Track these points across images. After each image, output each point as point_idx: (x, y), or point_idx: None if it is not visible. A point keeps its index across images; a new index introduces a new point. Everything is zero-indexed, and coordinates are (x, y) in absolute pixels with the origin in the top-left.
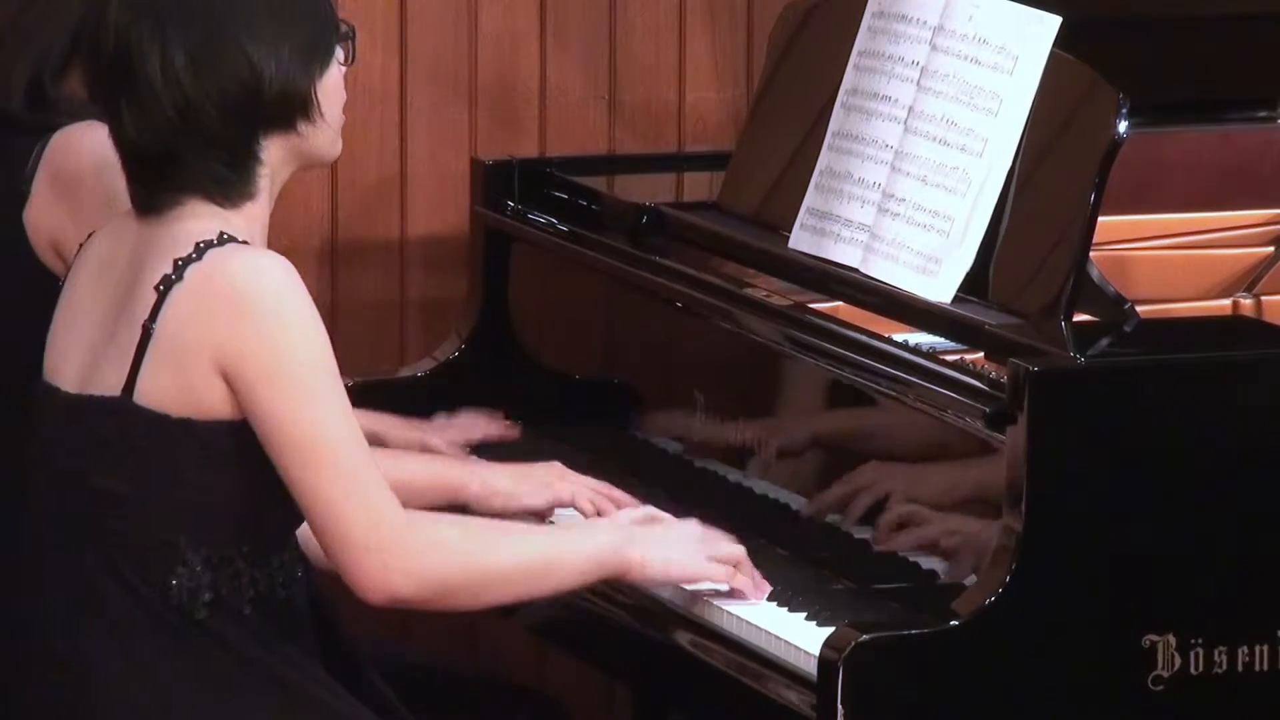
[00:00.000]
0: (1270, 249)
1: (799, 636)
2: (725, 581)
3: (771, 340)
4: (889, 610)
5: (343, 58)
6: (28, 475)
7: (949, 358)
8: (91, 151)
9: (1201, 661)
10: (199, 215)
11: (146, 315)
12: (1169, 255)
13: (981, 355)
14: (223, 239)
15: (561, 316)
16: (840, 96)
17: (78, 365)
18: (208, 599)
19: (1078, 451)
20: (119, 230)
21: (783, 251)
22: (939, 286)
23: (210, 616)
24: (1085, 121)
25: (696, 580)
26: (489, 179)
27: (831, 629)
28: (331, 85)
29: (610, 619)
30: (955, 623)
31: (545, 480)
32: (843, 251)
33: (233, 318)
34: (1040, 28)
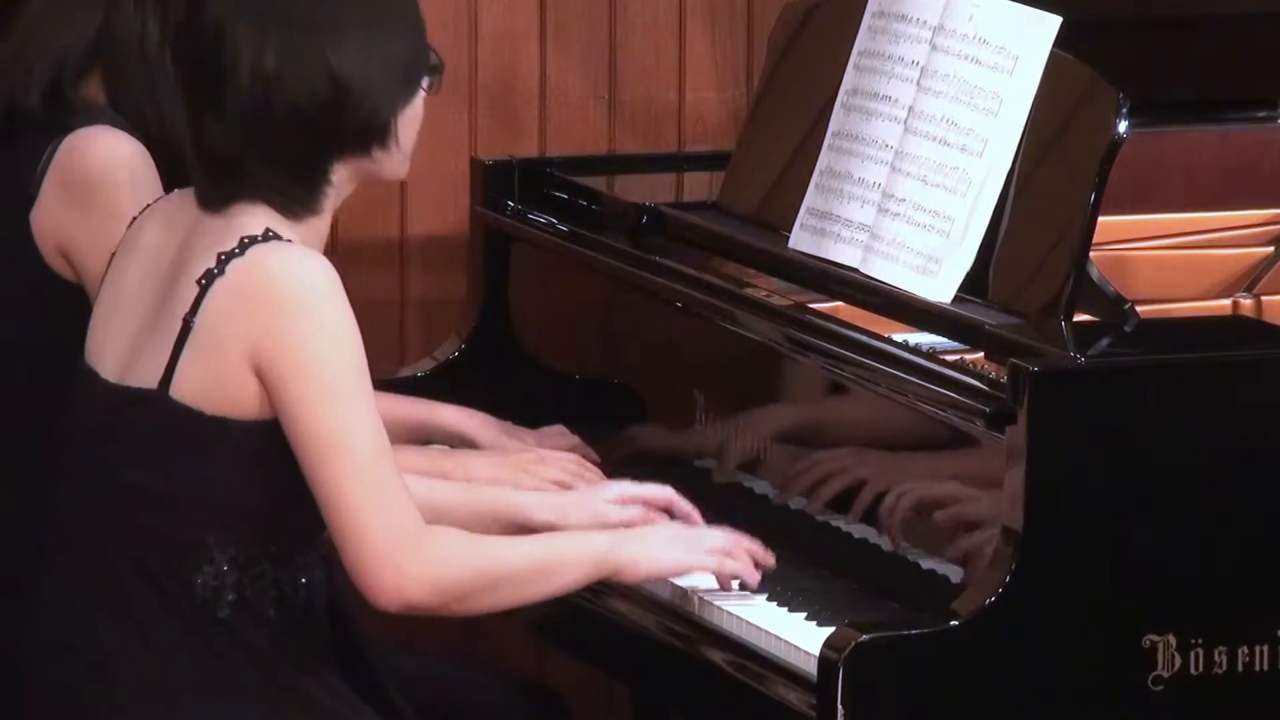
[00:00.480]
0: (1270, 249)
1: (799, 636)
2: (714, 570)
3: (771, 340)
4: (889, 610)
5: (427, 86)
6: (59, 460)
7: (949, 358)
8: (103, 157)
9: (1201, 661)
10: (255, 215)
11: (187, 309)
12: (1169, 255)
13: (981, 355)
14: (268, 235)
15: (561, 316)
16: (840, 96)
17: (119, 354)
18: (231, 599)
19: (1078, 451)
20: (173, 215)
21: (783, 251)
22: (939, 286)
23: (232, 616)
24: (1085, 121)
25: (688, 572)
26: (489, 179)
27: (831, 629)
28: (413, 114)
29: (610, 618)
30: (955, 623)
31: (526, 466)
32: (843, 251)
33: (268, 313)
34: (1040, 28)
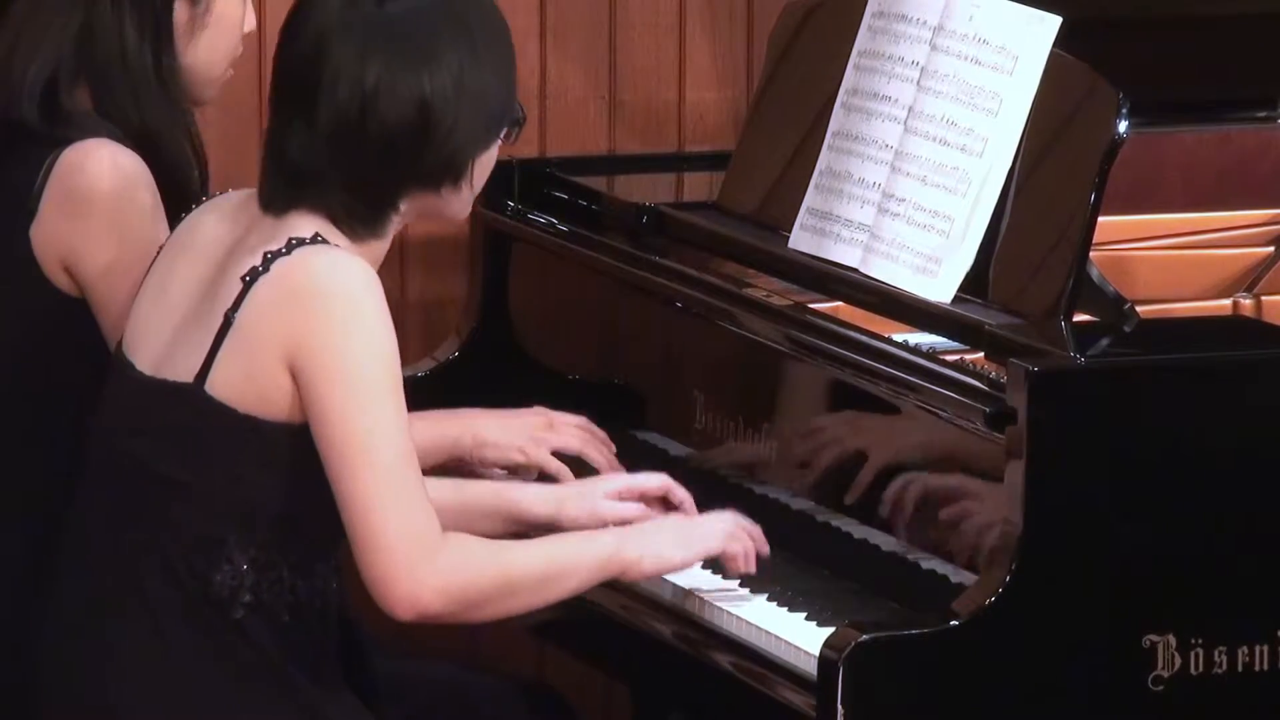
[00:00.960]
0: (1270, 249)
1: (799, 636)
2: (717, 554)
3: (771, 340)
4: (889, 610)
5: (504, 136)
6: (85, 448)
7: (949, 358)
8: (102, 170)
9: (1201, 661)
10: (310, 221)
11: (229, 305)
12: (1169, 255)
13: (981, 355)
14: (316, 239)
15: (561, 316)
16: (840, 96)
17: (157, 346)
18: (247, 600)
19: (1078, 451)
20: (234, 212)
21: (783, 251)
22: (939, 286)
23: (246, 617)
24: (1085, 121)
25: (688, 564)
26: (489, 179)
27: (831, 629)
28: (488, 159)
29: (610, 619)
30: (955, 623)
31: (532, 430)
32: (843, 251)
33: (305, 312)
34: (1040, 28)
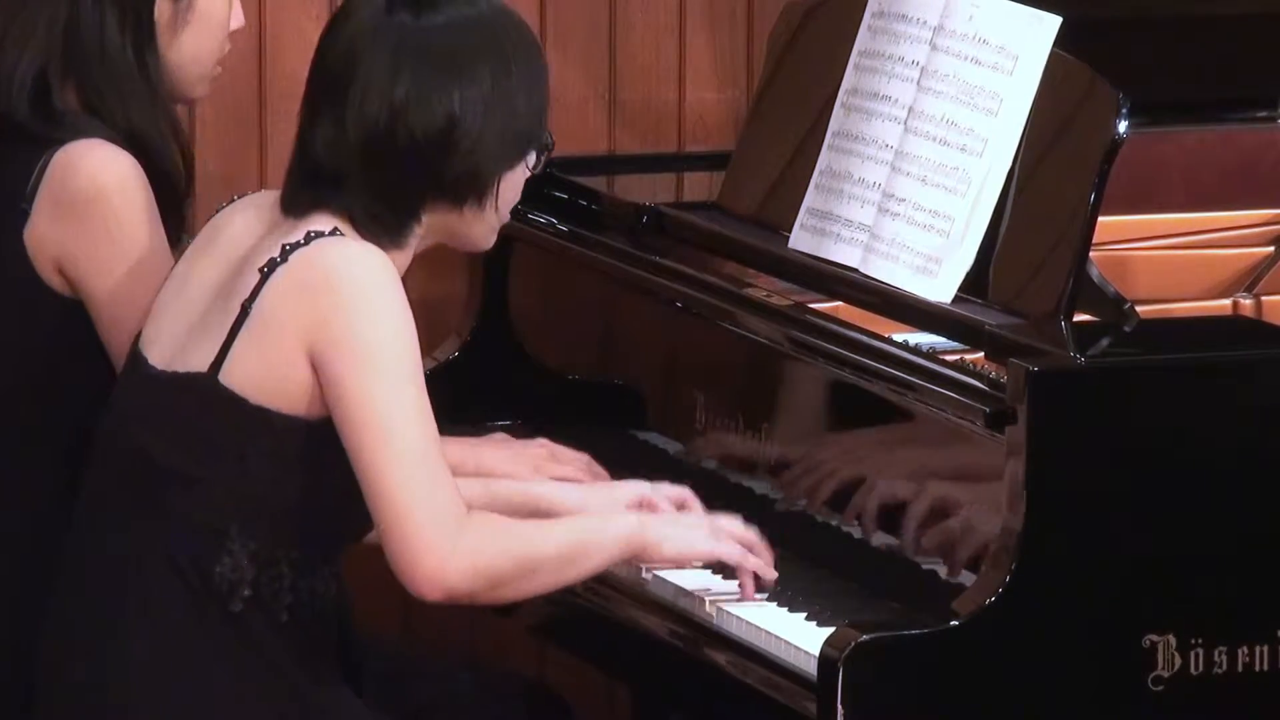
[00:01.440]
0: (1270, 249)
1: (799, 636)
2: (738, 561)
3: (772, 340)
4: (889, 610)
5: (533, 163)
6: (91, 444)
7: (949, 358)
8: (96, 172)
9: (1201, 661)
10: (330, 221)
11: (247, 295)
12: (1169, 255)
13: (981, 355)
14: (334, 233)
15: (561, 316)
16: (840, 96)
17: (172, 342)
18: (246, 594)
19: (1078, 451)
20: (256, 214)
21: (783, 251)
22: (939, 286)
23: (245, 611)
24: (1085, 121)
25: (710, 557)
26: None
27: (831, 629)
28: (513, 184)
29: (610, 619)
30: (955, 623)
31: (537, 462)
32: (843, 251)
33: (324, 300)
34: (1040, 28)
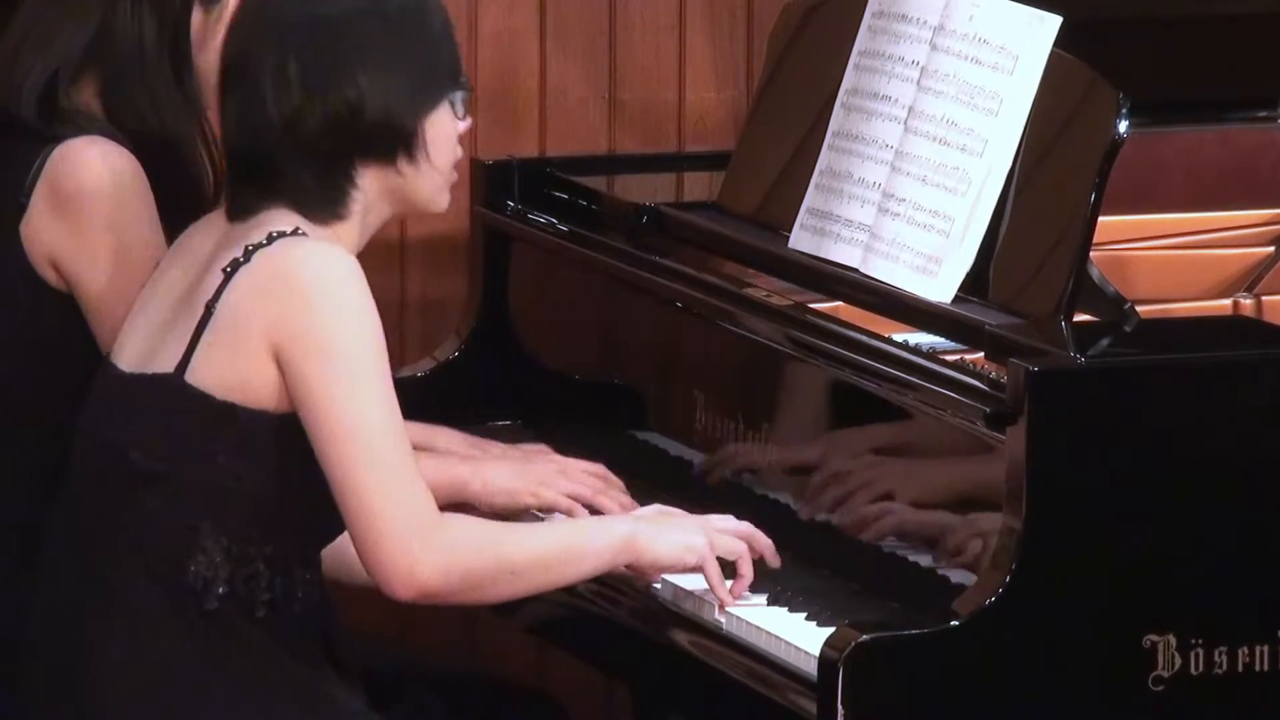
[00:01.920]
0: (1270, 249)
1: (799, 636)
2: (738, 554)
3: (771, 340)
4: (889, 610)
5: (460, 112)
6: (72, 449)
7: (949, 358)
8: (93, 168)
9: (1201, 661)
10: (284, 217)
11: (210, 295)
12: (1169, 255)
13: (981, 355)
14: (296, 232)
15: (561, 316)
16: (840, 96)
17: (140, 345)
18: (222, 591)
19: (1078, 451)
20: (208, 228)
21: (783, 251)
22: (939, 286)
23: (221, 610)
24: (1085, 121)
25: (705, 564)
26: (489, 179)
27: (831, 629)
28: (441, 132)
29: (610, 619)
30: (955, 623)
31: (545, 477)
32: (843, 251)
33: (289, 298)
34: (1040, 28)
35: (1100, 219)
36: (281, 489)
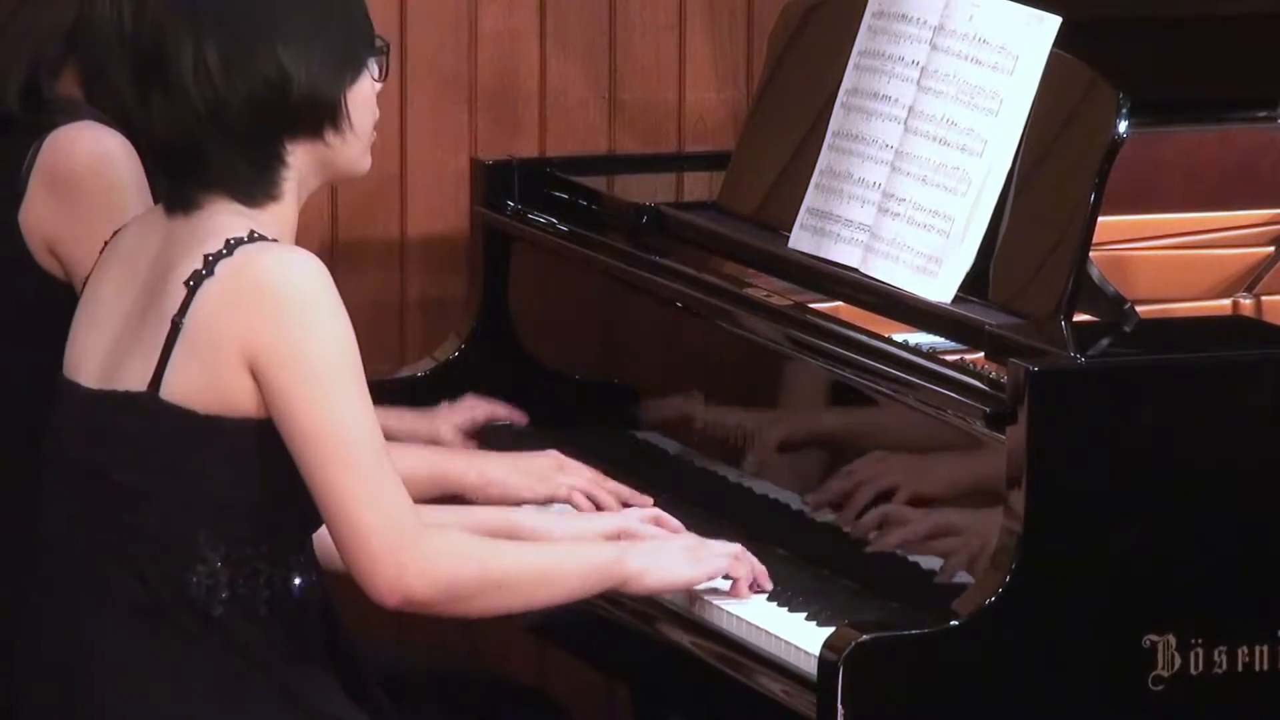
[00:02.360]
0: (1270, 249)
1: (799, 636)
2: (728, 572)
3: (771, 340)
4: (889, 610)
5: (377, 73)
6: (42, 470)
7: (949, 358)
8: (86, 152)
9: (1201, 661)
10: (226, 213)
11: (176, 310)
12: (1169, 255)
13: (981, 355)
14: (254, 236)
15: (561, 316)
16: (840, 96)
17: (100, 361)
18: (225, 596)
19: (1078, 451)
20: (145, 227)
21: (783, 251)
22: (939, 286)
23: (226, 615)
24: (1085, 121)
25: (695, 584)
26: (489, 179)
27: (831, 629)
28: (362, 98)
29: (610, 619)
30: (955, 623)
31: (543, 473)
32: (843, 251)
33: (261, 310)
34: (1040, 28)
35: (1100, 219)
36: (276, 488)
